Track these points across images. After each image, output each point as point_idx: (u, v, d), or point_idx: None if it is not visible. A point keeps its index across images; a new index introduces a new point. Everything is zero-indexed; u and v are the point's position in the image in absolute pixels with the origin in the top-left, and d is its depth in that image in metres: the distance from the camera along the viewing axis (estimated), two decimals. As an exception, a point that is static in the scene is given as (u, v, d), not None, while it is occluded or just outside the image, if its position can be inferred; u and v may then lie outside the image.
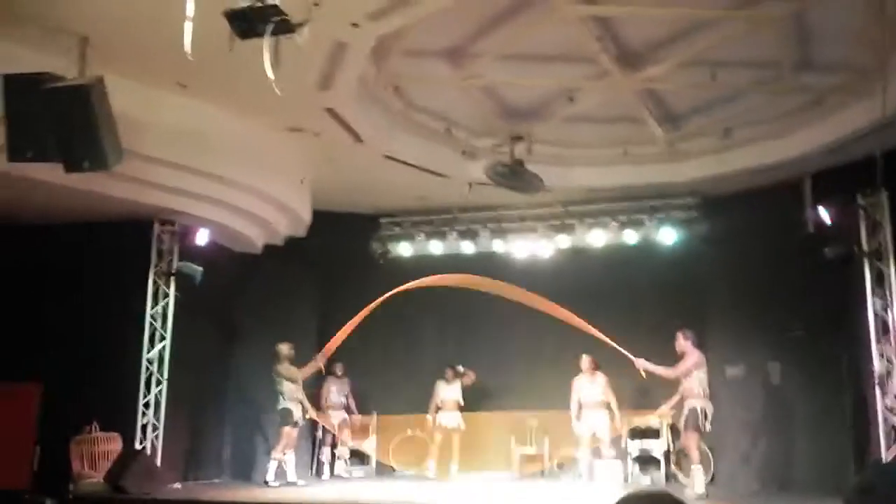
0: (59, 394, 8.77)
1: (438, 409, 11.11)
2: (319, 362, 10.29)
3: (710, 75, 8.45)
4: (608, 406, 10.10)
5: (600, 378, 10.05)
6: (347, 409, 11.43)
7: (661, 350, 9.22)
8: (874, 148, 7.65)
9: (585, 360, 10.10)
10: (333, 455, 11.41)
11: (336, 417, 11.27)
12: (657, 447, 10.50)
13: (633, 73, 8.41)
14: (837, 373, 9.29)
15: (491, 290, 10.31)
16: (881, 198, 8.18)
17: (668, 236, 10.88)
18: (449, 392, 11.12)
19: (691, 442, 8.77)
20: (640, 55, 8.29)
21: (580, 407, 10.02)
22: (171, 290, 9.51)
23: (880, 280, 8.28)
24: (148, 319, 9.36)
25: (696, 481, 8.68)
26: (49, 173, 7.23)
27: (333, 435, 11.24)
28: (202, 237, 9.57)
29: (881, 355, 8.16)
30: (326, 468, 11.27)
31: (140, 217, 9.24)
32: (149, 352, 9.30)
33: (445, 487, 9.96)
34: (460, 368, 11.23)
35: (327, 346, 10.30)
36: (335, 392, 11.34)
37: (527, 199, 10.57)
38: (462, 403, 11.14)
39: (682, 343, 8.94)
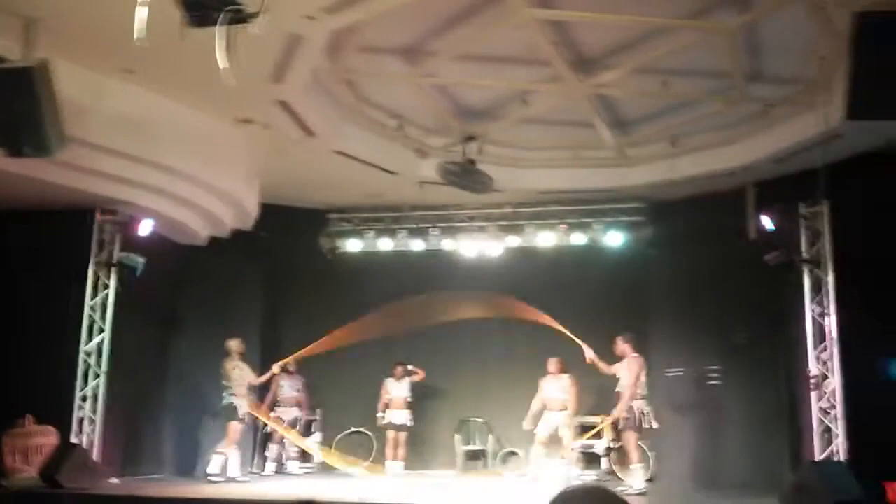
0: (-9, 386, 8.51)
1: (387, 406, 11.07)
2: (274, 370, 10.27)
3: (662, 83, 8.59)
4: (569, 406, 10.12)
5: (564, 379, 10.11)
6: (299, 405, 11.30)
7: (603, 351, 9.38)
8: (817, 159, 7.86)
9: (552, 362, 10.12)
10: (280, 452, 11.29)
11: (288, 414, 11.13)
12: (599, 445, 10.65)
13: (586, 78, 8.48)
14: (775, 376, 9.55)
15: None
16: (822, 208, 8.44)
17: (614, 239, 11.06)
18: (397, 390, 11.10)
19: (630, 441, 9.01)
20: (594, 61, 8.37)
21: (543, 406, 10.05)
22: (112, 282, 9.28)
23: (818, 287, 8.57)
24: (87, 311, 9.11)
25: (635, 479, 8.95)
26: (-13, 158, 6.99)
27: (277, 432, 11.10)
28: (145, 228, 9.34)
29: (817, 359, 8.41)
30: (269, 465, 11.13)
31: (81, 206, 8.97)
32: (87, 344, 9.06)
33: (390, 484, 9.93)
34: (409, 367, 11.20)
35: (291, 357, 10.28)
36: (287, 387, 11.19)
37: (477, 199, 10.61)
38: (410, 401, 11.12)
39: (622, 346, 9.23)
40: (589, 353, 9.47)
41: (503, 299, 10.04)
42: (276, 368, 10.32)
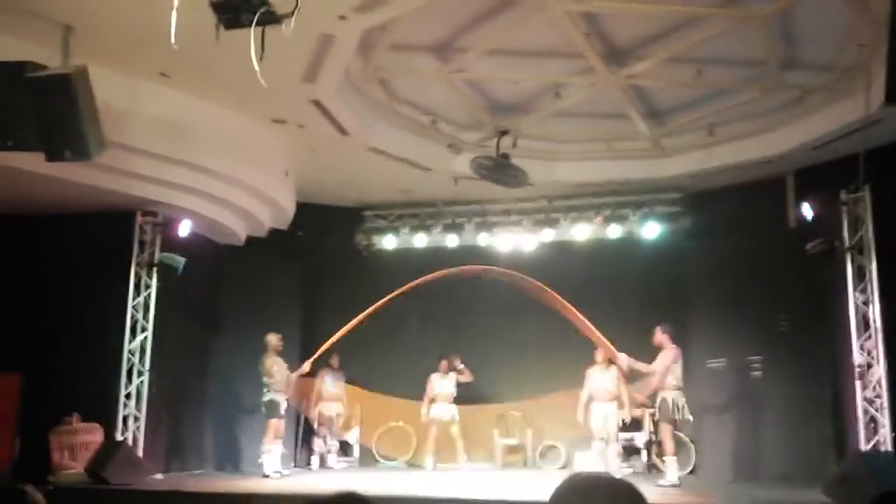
0: (39, 384, 8.72)
1: (432, 401, 11.06)
2: (306, 367, 10.30)
3: (696, 72, 8.49)
4: (618, 398, 9.98)
5: (613, 370, 9.95)
6: (340, 401, 11.38)
7: (642, 343, 9.30)
8: (857, 145, 7.71)
9: (600, 352, 9.96)
10: (322, 446, 11.41)
11: (331, 409, 11.23)
12: (639, 438, 10.58)
13: (619, 69, 8.42)
14: (819, 366, 9.40)
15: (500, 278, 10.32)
16: (864, 195, 8.28)
17: (651, 231, 10.95)
18: (443, 385, 11.07)
19: (665, 433, 8.94)
20: (627, 51, 8.31)
21: (590, 398, 9.92)
22: (154, 282, 9.45)
23: (861, 275, 8.39)
24: (130, 310, 9.29)
25: (669, 471, 8.87)
26: (30, 163, 7.17)
27: (321, 426, 11.20)
28: (185, 228, 9.50)
29: (861, 348, 8.26)
30: (314, 459, 11.24)
31: (122, 208, 9.16)
32: (130, 343, 9.24)
33: (429, 478, 9.97)
34: (459, 365, 11.11)
35: (319, 350, 10.29)
36: (330, 383, 11.28)
37: (511, 193, 10.58)
38: (455, 395, 11.04)
39: (660, 337, 9.10)
40: (625, 361, 9.29)
41: (542, 290, 9.98)
42: (306, 367, 10.34)
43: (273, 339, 9.94)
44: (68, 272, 9.10)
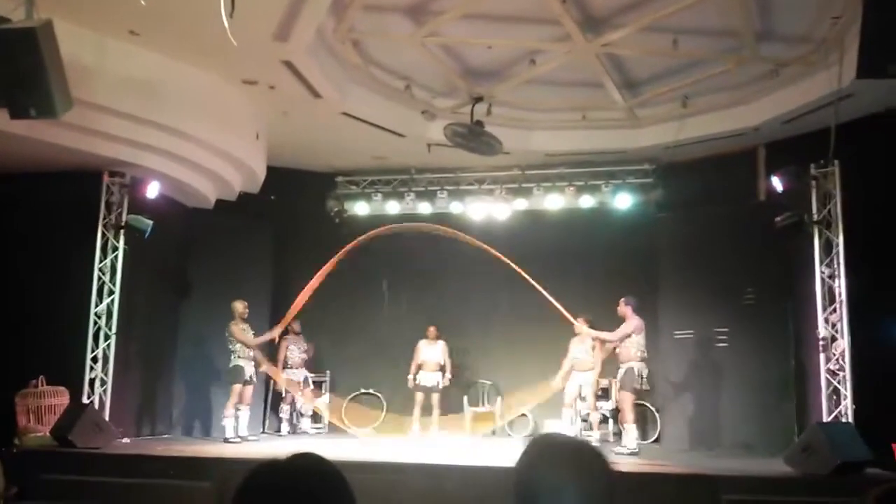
0: (3, 347, 8.58)
1: (419, 368, 11.02)
2: (275, 332, 10.25)
3: (672, 42, 8.46)
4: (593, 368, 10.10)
5: (589, 341, 10.04)
6: (306, 366, 11.36)
7: (612, 312, 9.35)
8: (828, 120, 7.76)
9: (579, 324, 10.03)
10: (292, 412, 11.40)
11: (297, 375, 11.19)
12: (606, 406, 10.70)
13: (595, 37, 8.38)
14: (783, 338, 9.54)
15: (447, 236, 10.31)
16: (833, 169, 8.35)
17: (623, 202, 11.02)
18: (429, 352, 11.02)
19: (626, 401, 9.03)
20: (603, 19, 8.26)
21: (572, 367, 10.05)
22: (121, 244, 9.31)
23: (828, 249, 8.49)
24: (96, 273, 9.16)
25: (628, 439, 8.99)
26: (-7, 119, 6.98)
27: (290, 392, 11.19)
28: (153, 190, 9.34)
29: (826, 321, 8.39)
30: (284, 425, 11.26)
31: (89, 168, 8.97)
32: (97, 306, 9.12)
33: (398, 445, 10.01)
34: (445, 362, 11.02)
35: (287, 315, 10.20)
36: (295, 350, 11.25)
37: (485, 161, 10.56)
38: (442, 363, 11.01)
39: (623, 308, 9.21)
40: (580, 328, 9.56)
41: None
42: (276, 331, 10.28)
43: (239, 305, 9.89)
44: (33, 233, 8.92)
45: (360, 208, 11.75)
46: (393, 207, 11.66)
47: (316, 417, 11.68)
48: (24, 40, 5.92)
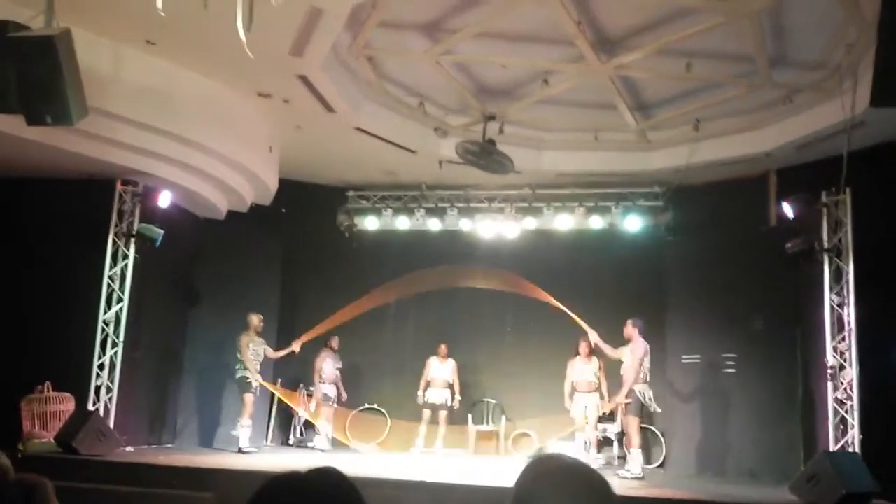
0: (11, 352, 8.60)
1: (428, 385, 10.97)
2: (294, 347, 10.29)
3: (685, 65, 8.48)
4: (599, 389, 10.06)
5: (595, 362, 10.02)
6: (336, 383, 11.20)
7: (618, 334, 9.30)
8: (840, 147, 7.75)
9: (583, 345, 10.02)
10: (304, 427, 11.39)
11: (328, 391, 11.03)
12: (612, 429, 10.65)
13: (609, 58, 8.41)
14: (791, 365, 9.47)
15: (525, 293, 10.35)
16: (844, 197, 8.32)
17: (633, 224, 10.99)
18: (439, 370, 10.96)
19: (631, 425, 8.96)
20: (617, 41, 8.29)
21: (573, 389, 10.00)
22: (131, 252, 9.34)
23: (838, 277, 8.43)
24: (106, 280, 9.18)
25: (633, 463, 8.90)
26: (10, 125, 7.05)
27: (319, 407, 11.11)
28: (165, 199, 9.38)
29: (835, 350, 8.32)
30: (319, 439, 11.04)
31: (102, 176, 9.02)
32: (105, 313, 9.14)
33: (399, 461, 9.97)
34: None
35: (309, 333, 10.25)
36: (330, 365, 11.15)
37: (496, 180, 10.56)
38: (451, 382, 10.95)
39: (630, 330, 9.13)
40: (594, 337, 9.46)
41: (513, 277, 10.01)
42: (295, 346, 10.34)
43: (255, 319, 9.97)
44: (44, 238, 8.96)
45: (370, 223, 11.77)
46: (403, 223, 11.67)
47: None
48: (43, 48, 5.98)
